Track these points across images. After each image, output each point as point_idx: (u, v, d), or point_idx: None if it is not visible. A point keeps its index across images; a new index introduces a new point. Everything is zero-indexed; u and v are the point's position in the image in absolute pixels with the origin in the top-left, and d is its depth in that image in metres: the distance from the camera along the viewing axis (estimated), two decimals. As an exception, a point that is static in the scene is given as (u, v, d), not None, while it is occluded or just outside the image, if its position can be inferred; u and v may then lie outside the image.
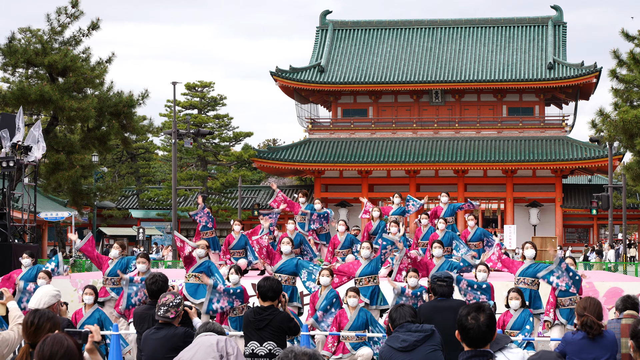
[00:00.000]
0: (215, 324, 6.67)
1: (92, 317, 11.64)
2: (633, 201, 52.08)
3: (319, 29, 57.67)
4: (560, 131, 52.54)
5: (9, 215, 20.59)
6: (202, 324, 6.79)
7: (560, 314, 12.26)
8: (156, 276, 8.49)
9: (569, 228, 55.14)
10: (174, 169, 38.78)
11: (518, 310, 11.51)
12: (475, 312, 5.19)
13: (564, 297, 12.25)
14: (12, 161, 20.36)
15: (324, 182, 53.75)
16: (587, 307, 7.23)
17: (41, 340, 4.74)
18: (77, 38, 31.55)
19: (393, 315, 6.80)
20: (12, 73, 32.04)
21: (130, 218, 56.67)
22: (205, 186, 55.02)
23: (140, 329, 8.33)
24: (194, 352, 6.26)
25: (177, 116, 47.44)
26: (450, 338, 6.79)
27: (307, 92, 54.82)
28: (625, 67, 29.85)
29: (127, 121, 32.95)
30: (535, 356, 5.11)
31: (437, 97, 54.08)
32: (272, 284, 8.09)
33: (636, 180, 35.18)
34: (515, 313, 11.51)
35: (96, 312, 11.80)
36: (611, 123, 28.97)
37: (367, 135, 54.06)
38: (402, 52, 55.50)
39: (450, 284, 8.90)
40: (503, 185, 52.43)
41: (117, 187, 40.57)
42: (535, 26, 56.11)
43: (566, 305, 12.21)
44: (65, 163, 31.55)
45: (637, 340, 5.03)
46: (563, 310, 12.25)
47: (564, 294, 12.23)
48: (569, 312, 12.13)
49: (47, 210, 45.17)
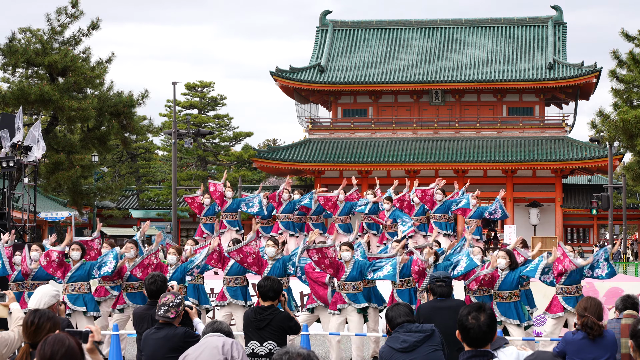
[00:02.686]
0: (223, 324, 6.67)
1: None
2: (633, 201, 52.10)
3: (319, 29, 57.68)
4: (560, 131, 52.54)
5: (9, 215, 20.60)
6: (210, 322, 6.77)
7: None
8: (155, 276, 8.48)
9: (569, 228, 55.15)
10: (174, 169, 38.79)
11: (505, 270, 11.60)
12: (476, 311, 5.20)
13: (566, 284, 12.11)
14: (12, 161, 20.36)
15: (324, 182, 53.70)
16: (587, 307, 7.23)
17: (42, 340, 4.74)
18: (77, 38, 31.57)
19: (390, 314, 6.82)
20: (12, 73, 32.07)
21: (130, 218, 56.67)
22: (205, 186, 54.97)
23: (140, 329, 8.33)
24: (199, 353, 6.26)
25: (177, 116, 47.45)
26: (450, 338, 6.80)
27: (307, 92, 54.82)
28: (625, 68, 29.84)
29: (127, 121, 32.97)
30: (531, 356, 5.11)
31: (437, 97, 54.09)
32: (272, 284, 8.10)
33: (636, 180, 35.19)
34: (502, 273, 11.59)
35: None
36: (611, 123, 28.97)
37: (367, 135, 54.07)
38: (402, 52, 55.51)
39: (449, 284, 8.92)
40: (503, 185, 52.37)
41: (117, 187, 40.58)
42: (535, 26, 56.11)
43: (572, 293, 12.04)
44: (65, 163, 31.56)
45: (637, 340, 5.04)
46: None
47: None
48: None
49: (47, 210, 45.19)
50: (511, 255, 11.75)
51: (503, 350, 5.28)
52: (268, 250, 12.43)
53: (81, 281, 12.53)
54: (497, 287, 11.66)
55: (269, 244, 12.51)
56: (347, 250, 12.08)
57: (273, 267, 12.42)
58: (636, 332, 5.06)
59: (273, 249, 12.42)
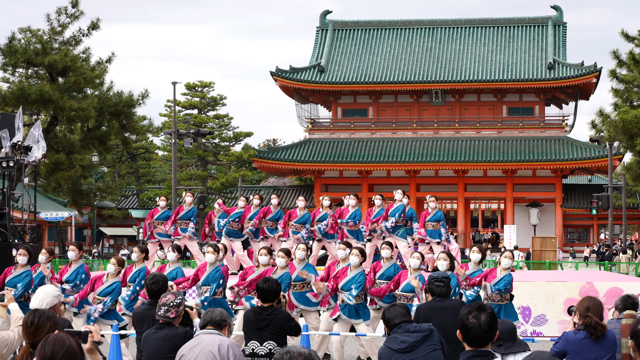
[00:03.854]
0: (215, 313, 6.55)
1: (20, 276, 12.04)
2: (633, 201, 52.12)
3: (319, 29, 57.68)
4: (560, 131, 52.55)
5: (9, 215, 20.58)
6: (204, 313, 6.67)
7: None
8: (156, 276, 8.48)
9: (569, 228, 55.19)
10: (174, 169, 38.78)
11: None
12: (476, 311, 5.19)
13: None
14: (12, 161, 20.34)
15: (324, 182, 53.76)
16: (590, 307, 7.21)
17: (42, 340, 4.74)
18: (77, 38, 31.58)
19: (387, 315, 6.82)
20: (12, 73, 32.08)
21: (130, 218, 56.66)
22: (205, 186, 55.01)
23: (140, 329, 8.32)
24: (196, 354, 6.23)
25: (177, 116, 47.46)
26: (449, 338, 6.80)
27: (307, 92, 54.83)
28: (625, 68, 29.85)
29: (127, 121, 32.97)
30: (529, 356, 5.10)
31: (437, 97, 54.09)
32: (272, 286, 8.10)
33: (636, 180, 35.20)
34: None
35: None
36: (611, 123, 28.98)
37: (367, 135, 54.07)
38: (402, 52, 55.51)
39: (448, 284, 8.90)
40: (503, 185, 52.44)
41: (117, 187, 40.57)
42: (535, 26, 56.11)
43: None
44: (65, 163, 31.57)
45: (637, 340, 5.03)
46: None
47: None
48: None
49: (47, 210, 45.20)
50: (451, 258, 11.55)
51: (521, 354, 5.19)
52: (279, 261, 11.83)
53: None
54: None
55: (280, 254, 11.88)
56: (343, 250, 12.03)
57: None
58: (636, 332, 5.05)
59: (283, 259, 11.81)
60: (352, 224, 15.69)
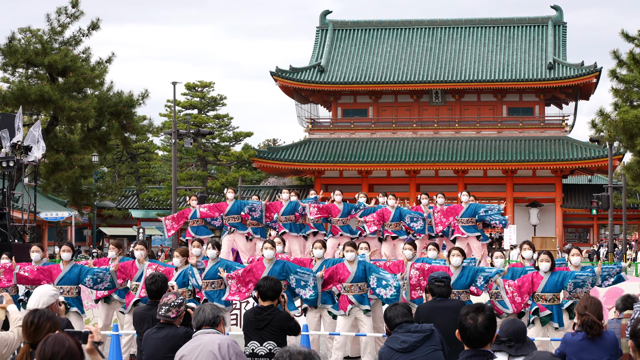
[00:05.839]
0: (206, 311, 6.51)
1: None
2: (633, 201, 52.11)
3: (319, 29, 57.70)
4: (560, 131, 52.56)
5: (9, 215, 20.60)
6: (195, 312, 6.61)
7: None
8: (155, 276, 8.49)
9: (569, 228, 55.18)
10: (174, 169, 38.77)
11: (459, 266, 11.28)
12: (474, 312, 5.20)
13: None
14: (12, 161, 20.37)
15: (324, 182, 53.74)
16: (588, 306, 7.21)
17: (42, 340, 4.74)
18: (77, 38, 31.60)
19: (388, 314, 6.82)
20: (12, 73, 32.10)
21: (130, 218, 56.68)
22: (205, 186, 55.03)
23: (140, 329, 8.33)
24: (196, 355, 6.22)
25: (177, 116, 47.45)
26: (450, 338, 6.80)
27: (307, 92, 54.84)
28: (625, 68, 29.87)
29: (127, 121, 32.99)
30: (530, 357, 5.11)
31: (437, 97, 54.10)
32: (271, 284, 8.09)
33: (636, 180, 35.20)
34: (456, 271, 11.31)
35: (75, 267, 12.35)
36: (611, 123, 28.99)
37: (367, 135, 54.08)
38: (402, 52, 55.53)
39: (448, 284, 8.90)
40: (503, 185, 52.46)
41: (117, 187, 40.57)
42: (535, 26, 56.12)
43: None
44: (65, 163, 31.58)
45: (637, 340, 5.03)
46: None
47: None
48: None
49: (47, 210, 45.20)
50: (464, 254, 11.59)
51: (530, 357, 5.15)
52: (266, 253, 11.90)
53: (70, 284, 12.38)
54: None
55: (267, 246, 12.01)
56: (351, 251, 11.90)
57: (271, 270, 11.82)
58: (636, 332, 5.05)
59: (271, 251, 11.94)
60: (415, 225, 16.03)
